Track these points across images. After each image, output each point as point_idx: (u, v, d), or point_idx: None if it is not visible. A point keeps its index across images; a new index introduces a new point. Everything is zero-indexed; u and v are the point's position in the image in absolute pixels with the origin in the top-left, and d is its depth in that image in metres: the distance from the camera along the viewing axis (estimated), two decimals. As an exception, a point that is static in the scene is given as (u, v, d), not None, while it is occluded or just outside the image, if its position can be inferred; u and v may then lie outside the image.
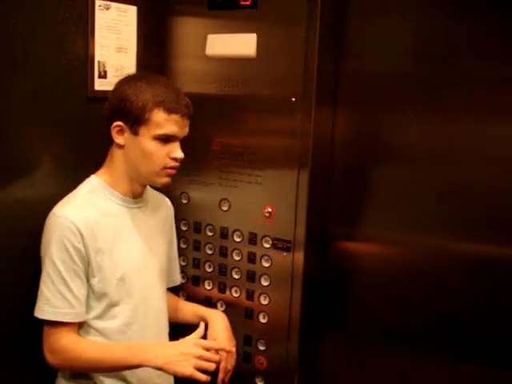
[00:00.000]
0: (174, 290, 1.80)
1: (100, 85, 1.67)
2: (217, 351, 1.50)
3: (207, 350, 1.41)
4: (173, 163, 1.46)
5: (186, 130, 1.47)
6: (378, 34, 1.64)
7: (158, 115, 1.40)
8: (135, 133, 1.42)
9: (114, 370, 1.44)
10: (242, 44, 1.67)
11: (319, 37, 1.57)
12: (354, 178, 1.73)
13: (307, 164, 1.62)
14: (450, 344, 1.62)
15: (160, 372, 1.41)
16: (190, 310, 1.71)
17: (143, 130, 1.41)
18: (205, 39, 1.74)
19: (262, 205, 1.69)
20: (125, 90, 1.44)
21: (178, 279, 1.77)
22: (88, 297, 1.43)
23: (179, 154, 1.45)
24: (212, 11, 1.74)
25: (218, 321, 1.63)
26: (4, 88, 1.45)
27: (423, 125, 1.60)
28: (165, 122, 1.41)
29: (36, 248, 1.46)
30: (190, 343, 1.40)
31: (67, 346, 1.40)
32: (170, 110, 1.41)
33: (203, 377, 1.36)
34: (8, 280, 1.50)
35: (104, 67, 1.68)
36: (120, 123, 1.43)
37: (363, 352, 1.76)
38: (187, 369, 1.35)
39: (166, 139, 1.43)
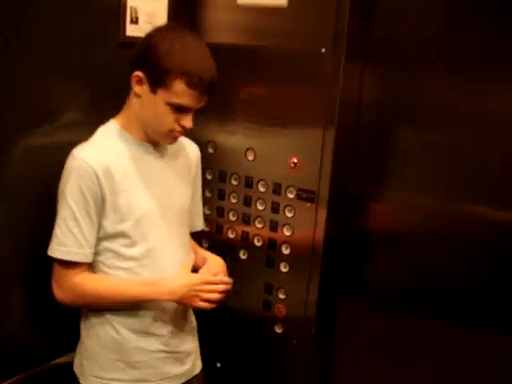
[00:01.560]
0: (197, 237, 1.84)
1: (131, 30, 1.68)
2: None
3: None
4: (180, 129, 1.46)
5: (203, 104, 1.46)
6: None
7: (179, 86, 1.38)
8: (153, 91, 1.41)
9: (126, 303, 1.49)
10: (273, -7, 1.67)
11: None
12: (379, 138, 1.73)
13: (334, 117, 1.63)
14: (467, 307, 1.64)
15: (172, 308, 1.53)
16: (199, 253, 1.72)
17: (161, 92, 1.40)
18: (237, -12, 1.74)
19: (288, 155, 1.71)
20: (157, 43, 1.40)
21: (200, 224, 1.78)
22: (102, 238, 1.47)
23: (188, 124, 1.45)
24: (245, -41, 1.73)
25: (215, 259, 1.66)
26: (35, 33, 1.47)
27: (451, 87, 1.59)
28: (183, 93, 1.39)
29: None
30: (196, 281, 1.52)
31: (77, 281, 1.45)
32: (191, 85, 1.38)
33: (208, 306, 1.52)
34: (31, 219, 1.56)
35: (136, 13, 1.69)
36: (141, 75, 1.41)
37: (379, 306, 1.79)
38: (197, 303, 1.51)
39: (179, 108, 1.42)
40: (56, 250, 1.44)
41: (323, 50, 1.61)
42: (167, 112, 1.42)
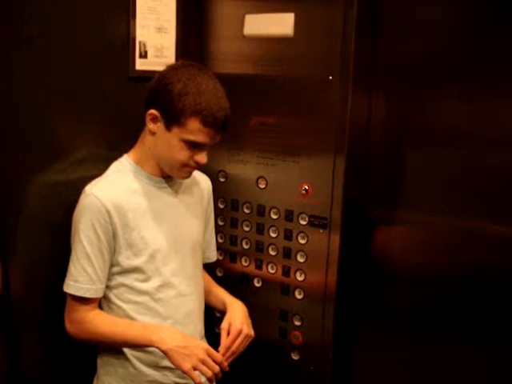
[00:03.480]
0: (211, 267, 1.85)
1: (141, 64, 1.71)
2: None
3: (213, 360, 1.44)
4: (194, 165, 1.48)
5: (217, 140, 1.48)
6: (415, 13, 1.64)
7: (194, 124, 1.40)
8: (167, 128, 1.43)
9: (127, 345, 1.49)
10: (279, 23, 1.68)
11: (357, 15, 1.57)
12: (390, 161, 1.73)
13: (344, 143, 1.64)
14: (487, 327, 1.62)
15: None
16: (216, 294, 1.73)
17: (175, 130, 1.42)
18: (243, 19, 1.76)
19: (299, 182, 1.71)
20: (172, 82, 1.42)
21: (213, 256, 1.80)
22: (117, 273, 1.49)
23: (202, 160, 1.47)
24: (250, -9, 1.76)
25: (236, 307, 1.63)
26: (47, 69, 1.50)
27: (460, 107, 1.60)
28: (198, 131, 1.41)
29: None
30: (201, 345, 1.45)
31: (86, 318, 1.47)
32: (206, 123, 1.41)
33: (197, 378, 1.42)
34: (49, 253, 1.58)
35: (145, 47, 1.72)
36: (156, 113, 1.44)
37: (397, 330, 1.77)
38: (186, 365, 1.40)
39: (194, 144, 1.44)
40: (70, 286, 1.46)
41: (330, 77, 1.62)
42: (182, 148, 1.44)
